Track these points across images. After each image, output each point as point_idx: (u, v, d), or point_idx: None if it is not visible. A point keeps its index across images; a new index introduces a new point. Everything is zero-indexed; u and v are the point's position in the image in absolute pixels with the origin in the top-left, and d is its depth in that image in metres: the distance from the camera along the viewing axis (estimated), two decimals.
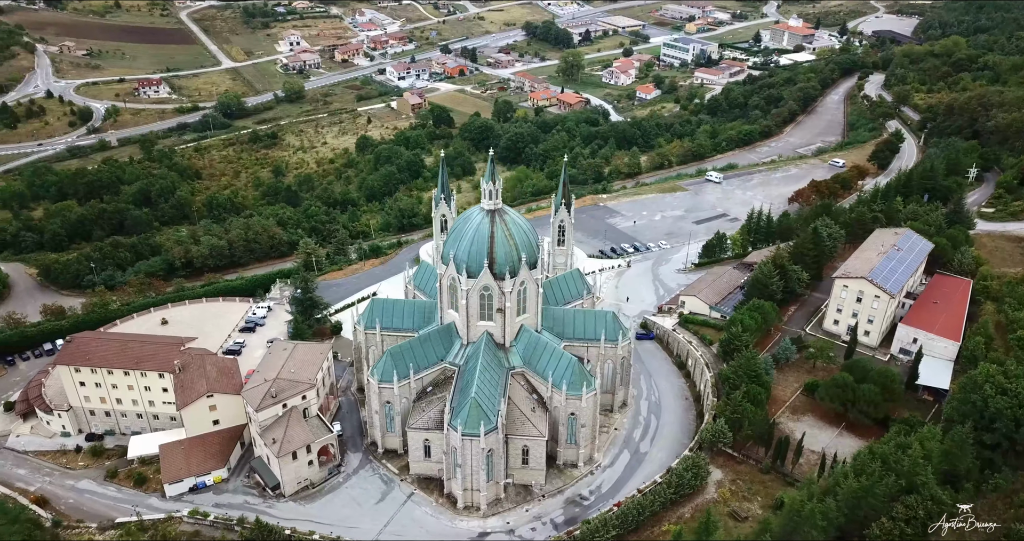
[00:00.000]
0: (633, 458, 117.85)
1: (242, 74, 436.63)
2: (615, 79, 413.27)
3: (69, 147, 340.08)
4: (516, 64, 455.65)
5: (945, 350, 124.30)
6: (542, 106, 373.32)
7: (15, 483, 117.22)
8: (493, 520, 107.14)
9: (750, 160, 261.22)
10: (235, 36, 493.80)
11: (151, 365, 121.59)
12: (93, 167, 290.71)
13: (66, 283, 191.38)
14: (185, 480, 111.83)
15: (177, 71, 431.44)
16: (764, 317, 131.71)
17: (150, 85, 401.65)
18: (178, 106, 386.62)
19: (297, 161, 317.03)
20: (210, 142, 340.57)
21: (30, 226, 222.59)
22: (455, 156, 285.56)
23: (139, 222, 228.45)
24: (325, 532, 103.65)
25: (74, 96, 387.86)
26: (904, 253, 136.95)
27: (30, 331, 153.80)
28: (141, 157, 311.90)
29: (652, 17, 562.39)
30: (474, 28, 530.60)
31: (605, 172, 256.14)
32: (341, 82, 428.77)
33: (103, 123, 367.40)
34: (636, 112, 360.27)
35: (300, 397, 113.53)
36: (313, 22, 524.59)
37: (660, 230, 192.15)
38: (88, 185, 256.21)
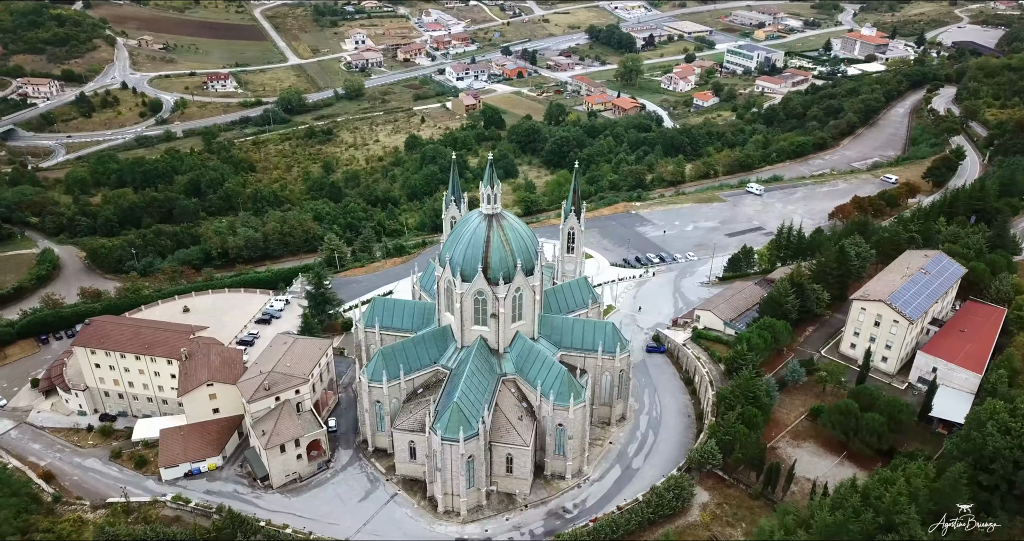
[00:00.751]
0: (624, 474, 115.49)
1: (306, 71, 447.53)
2: (674, 85, 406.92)
3: (137, 137, 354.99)
4: (575, 67, 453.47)
5: (965, 382, 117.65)
6: (596, 110, 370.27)
7: (28, 457, 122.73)
8: (472, 526, 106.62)
9: (800, 172, 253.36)
10: (304, 33, 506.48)
11: (160, 351, 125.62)
12: (154, 157, 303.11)
13: (110, 267, 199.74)
14: (181, 465, 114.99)
15: (245, 66, 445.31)
16: (775, 336, 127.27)
17: (218, 79, 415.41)
18: (242, 100, 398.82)
19: (348, 158, 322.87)
20: (268, 136, 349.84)
21: (85, 211, 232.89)
22: (499, 158, 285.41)
23: (187, 211, 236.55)
24: (304, 526, 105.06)
25: (147, 88, 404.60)
26: (931, 277, 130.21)
27: (65, 312, 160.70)
28: (201, 149, 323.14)
29: (720, 23, 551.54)
30: (537, 30, 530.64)
31: (647, 179, 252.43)
32: (401, 81, 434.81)
33: (171, 114, 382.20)
34: (691, 119, 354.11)
35: (294, 391, 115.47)
36: (380, 21, 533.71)
37: (690, 241, 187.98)
38: (145, 174, 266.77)
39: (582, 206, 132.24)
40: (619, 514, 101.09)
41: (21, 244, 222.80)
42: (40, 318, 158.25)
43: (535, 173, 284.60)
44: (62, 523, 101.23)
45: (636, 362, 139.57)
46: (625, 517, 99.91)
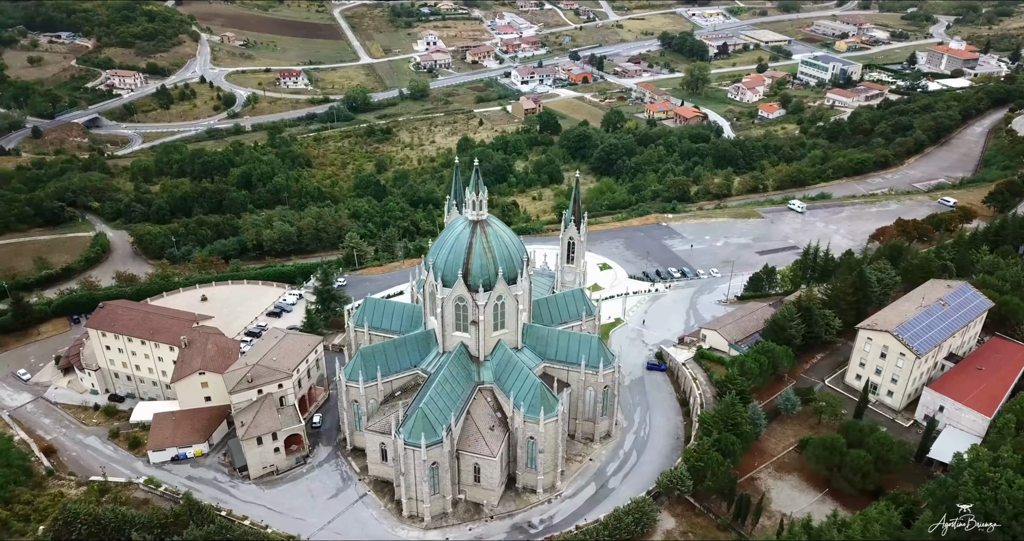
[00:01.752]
0: (599, 492, 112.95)
1: (376, 70, 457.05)
2: (740, 95, 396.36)
3: (208, 129, 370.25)
4: (643, 74, 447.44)
5: (973, 424, 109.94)
6: (657, 118, 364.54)
7: (36, 430, 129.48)
8: (433, 533, 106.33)
9: (857, 191, 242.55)
10: (378, 34, 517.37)
11: (163, 337, 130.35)
12: (218, 149, 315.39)
13: (153, 254, 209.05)
14: (168, 449, 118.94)
15: (318, 64, 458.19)
16: (773, 362, 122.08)
17: (290, 76, 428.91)
18: (311, 97, 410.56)
19: (402, 157, 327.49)
20: (330, 133, 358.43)
21: (141, 198, 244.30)
22: (546, 163, 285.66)
23: (235, 203, 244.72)
24: (271, 518, 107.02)
25: (223, 82, 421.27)
26: (950, 310, 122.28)
27: (98, 294, 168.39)
28: (265, 142, 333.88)
29: (801, 33, 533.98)
30: (610, 36, 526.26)
31: (692, 191, 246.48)
32: (466, 83, 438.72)
33: (243, 109, 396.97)
34: (752, 131, 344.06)
35: (277, 385, 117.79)
36: (454, 23, 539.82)
37: (717, 257, 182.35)
38: (203, 165, 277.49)
39: (582, 216, 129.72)
40: (576, 534, 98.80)
41: (80, 227, 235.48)
42: (74, 299, 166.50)
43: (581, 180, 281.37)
44: (42, 497, 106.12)
45: (634, 379, 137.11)
46: (580, 537, 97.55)
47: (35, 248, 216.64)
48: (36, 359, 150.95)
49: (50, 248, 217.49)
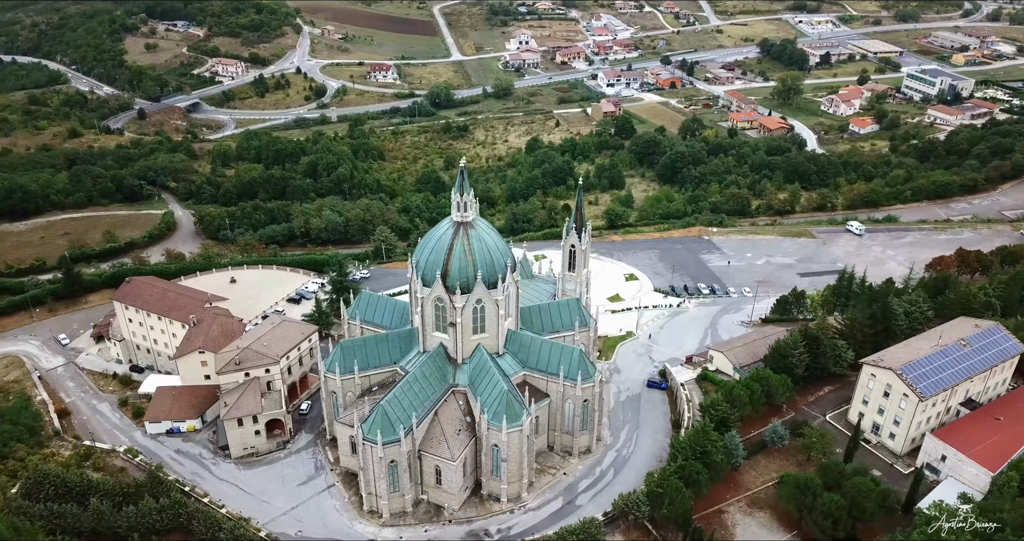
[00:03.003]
0: (564, 508, 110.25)
1: (465, 67, 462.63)
2: (834, 108, 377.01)
3: (296, 118, 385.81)
4: (735, 82, 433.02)
5: (976, 478, 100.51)
6: (740, 128, 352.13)
7: (58, 392, 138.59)
8: (388, 531, 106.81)
9: (936, 215, 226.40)
10: (473, 31, 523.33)
11: (176, 314, 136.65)
12: (300, 138, 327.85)
13: (210, 234, 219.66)
14: (164, 422, 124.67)
15: (410, 60, 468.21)
16: (767, 391, 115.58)
17: (381, 70, 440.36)
18: (397, 91, 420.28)
19: (472, 155, 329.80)
20: (408, 127, 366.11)
21: (211, 181, 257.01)
22: (609, 167, 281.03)
23: (298, 191, 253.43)
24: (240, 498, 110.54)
25: (317, 74, 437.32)
26: (970, 351, 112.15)
27: (144, 269, 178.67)
28: (345, 133, 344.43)
29: (916, 44, 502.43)
30: (707, 41, 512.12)
31: (753, 205, 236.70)
32: (551, 83, 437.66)
33: (332, 100, 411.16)
34: (839, 146, 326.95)
35: (264, 370, 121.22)
36: (549, 23, 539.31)
37: (754, 275, 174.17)
38: (276, 152, 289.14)
39: (584, 224, 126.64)
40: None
41: (155, 205, 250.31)
42: (122, 272, 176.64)
43: (644, 186, 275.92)
44: (35, 456, 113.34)
45: (632, 395, 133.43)
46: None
47: (111, 222, 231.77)
48: (78, 326, 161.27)
49: (124, 223, 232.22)
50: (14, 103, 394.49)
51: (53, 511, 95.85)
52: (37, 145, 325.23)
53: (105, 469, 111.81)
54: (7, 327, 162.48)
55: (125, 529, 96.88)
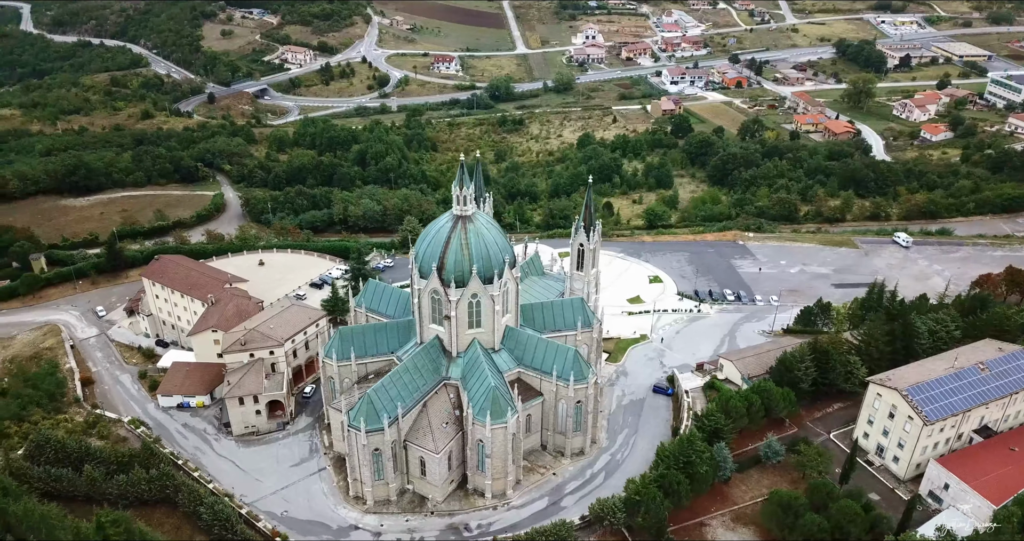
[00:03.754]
0: (549, 508, 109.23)
1: (528, 61, 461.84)
2: (907, 113, 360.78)
3: (357, 107, 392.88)
4: (805, 83, 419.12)
5: (977, 510, 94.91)
6: (804, 131, 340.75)
7: (86, 361, 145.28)
8: (370, 518, 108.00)
9: (1000, 230, 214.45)
10: (540, 25, 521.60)
11: (197, 293, 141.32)
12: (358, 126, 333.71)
13: (254, 216, 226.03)
14: (175, 396, 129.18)
15: (475, 52, 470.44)
16: (768, 404, 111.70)
17: (444, 61, 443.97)
18: (458, 83, 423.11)
19: (524, 149, 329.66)
20: (465, 119, 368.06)
21: (263, 165, 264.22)
22: (657, 166, 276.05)
23: (344, 178, 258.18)
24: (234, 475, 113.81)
25: (382, 64, 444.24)
26: (988, 376, 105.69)
27: (184, 248, 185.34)
28: (402, 123, 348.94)
29: (1008, 48, 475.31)
30: (780, 40, 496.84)
31: (801, 211, 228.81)
32: (614, 79, 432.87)
33: (393, 90, 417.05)
34: (906, 153, 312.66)
35: (268, 351, 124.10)
36: (618, 18, 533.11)
37: (785, 284, 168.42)
38: (329, 140, 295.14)
39: (593, 223, 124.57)
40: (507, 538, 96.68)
41: (209, 186, 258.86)
42: (164, 249, 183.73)
43: (693, 187, 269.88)
44: (49, 420, 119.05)
45: (635, 400, 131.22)
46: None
47: (166, 201, 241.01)
48: (116, 299, 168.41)
49: (178, 202, 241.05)
50: (98, 84, 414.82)
51: (51, 474, 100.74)
52: (112, 125, 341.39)
53: (109, 438, 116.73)
54: (52, 297, 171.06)
55: (115, 496, 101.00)
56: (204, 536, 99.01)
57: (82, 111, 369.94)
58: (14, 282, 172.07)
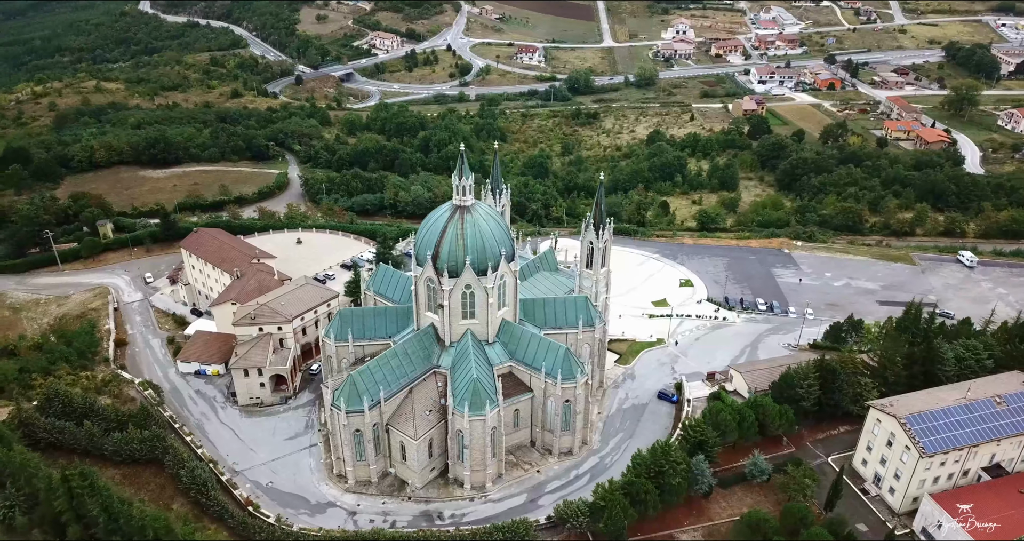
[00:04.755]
0: (526, 505, 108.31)
1: (613, 54, 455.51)
2: (1013, 123, 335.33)
3: (436, 94, 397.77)
4: (905, 88, 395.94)
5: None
6: (894, 138, 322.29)
7: (124, 324, 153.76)
8: (349, 497, 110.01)
9: None
10: (632, 18, 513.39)
11: (226, 266, 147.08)
12: (431, 113, 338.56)
13: (312, 196, 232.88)
14: (193, 363, 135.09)
15: (560, 43, 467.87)
16: (763, 420, 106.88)
17: (528, 52, 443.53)
18: (539, 74, 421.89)
19: (593, 143, 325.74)
20: (540, 111, 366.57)
21: (329, 147, 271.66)
22: (723, 168, 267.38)
23: (405, 164, 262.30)
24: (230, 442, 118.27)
25: (466, 52, 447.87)
26: (1007, 411, 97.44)
27: (235, 223, 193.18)
28: (476, 112, 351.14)
29: None
30: (886, 41, 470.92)
31: (867, 222, 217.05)
32: (698, 76, 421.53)
33: (474, 79, 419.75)
34: (1005, 166, 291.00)
35: (276, 327, 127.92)
36: (713, 13, 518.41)
37: (824, 297, 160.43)
38: (398, 125, 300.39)
39: (604, 221, 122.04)
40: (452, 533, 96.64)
41: (277, 165, 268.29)
42: (216, 223, 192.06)
43: (759, 191, 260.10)
44: (70, 376, 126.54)
45: (638, 405, 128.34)
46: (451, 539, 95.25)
47: (236, 177, 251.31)
48: (165, 268, 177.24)
49: (247, 179, 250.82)
50: (199, 63, 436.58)
51: (55, 426, 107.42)
52: (202, 102, 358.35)
53: (119, 397, 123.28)
54: (110, 261, 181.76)
55: (110, 453, 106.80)
56: (184, 498, 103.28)
57: (180, 88, 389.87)
58: (78, 246, 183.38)
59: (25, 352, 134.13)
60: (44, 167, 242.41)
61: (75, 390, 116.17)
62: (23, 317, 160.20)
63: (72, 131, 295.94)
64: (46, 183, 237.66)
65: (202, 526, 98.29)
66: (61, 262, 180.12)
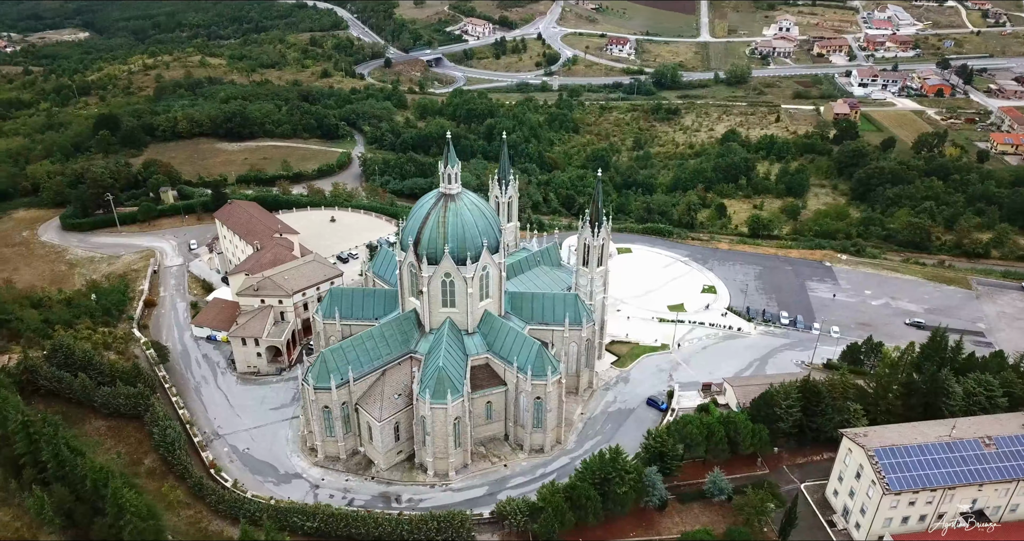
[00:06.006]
0: (484, 498, 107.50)
1: (708, 49, 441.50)
2: None
3: (519, 83, 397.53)
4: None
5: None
6: (999, 152, 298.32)
7: (158, 286, 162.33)
8: (316, 470, 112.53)
9: None
10: (734, 13, 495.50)
11: (250, 238, 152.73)
12: (508, 101, 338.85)
13: (368, 176, 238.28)
14: (205, 328, 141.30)
15: (654, 36, 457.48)
16: (732, 436, 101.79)
17: (619, 43, 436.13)
18: (626, 67, 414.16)
19: (667, 140, 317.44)
20: (619, 104, 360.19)
21: (393, 129, 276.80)
22: (793, 173, 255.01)
23: (466, 150, 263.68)
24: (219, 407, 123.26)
25: (557, 42, 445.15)
26: (995, 454, 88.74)
27: (282, 198, 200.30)
28: (554, 102, 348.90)
29: None
30: (1012, 46, 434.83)
31: (936, 240, 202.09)
32: (794, 76, 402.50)
33: (560, 68, 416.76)
34: None
35: (277, 300, 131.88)
36: (822, 11, 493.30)
37: (857, 316, 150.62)
38: (468, 112, 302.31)
39: (601, 219, 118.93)
40: (393, 517, 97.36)
41: (346, 144, 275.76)
42: (264, 196, 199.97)
43: (829, 199, 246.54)
44: (92, 329, 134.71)
45: (624, 409, 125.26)
46: (391, 524, 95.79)
47: (303, 154, 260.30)
48: (210, 236, 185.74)
49: (313, 156, 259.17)
50: (299, 42, 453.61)
51: (54, 375, 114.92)
52: (292, 80, 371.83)
53: (123, 354, 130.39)
54: (163, 226, 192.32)
55: (99, 405, 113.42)
56: (155, 455, 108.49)
57: (277, 66, 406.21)
58: (136, 209, 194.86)
59: (54, 305, 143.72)
60: (130, 134, 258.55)
61: (81, 344, 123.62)
62: (76, 272, 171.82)
63: (167, 102, 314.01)
64: (131, 149, 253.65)
65: (168, 484, 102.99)
66: (120, 224, 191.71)
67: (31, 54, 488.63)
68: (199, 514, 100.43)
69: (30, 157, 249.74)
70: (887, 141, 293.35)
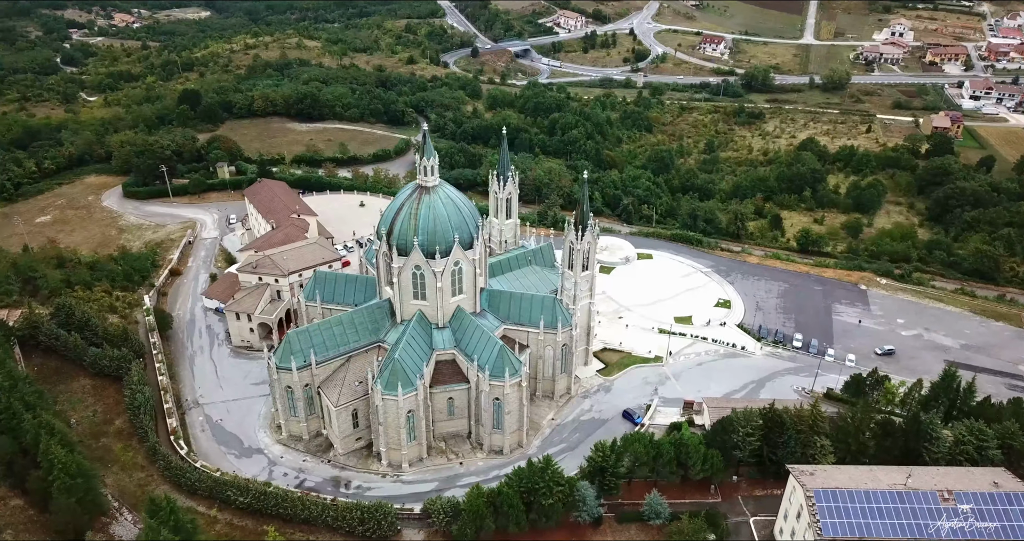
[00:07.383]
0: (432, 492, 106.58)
1: (808, 52, 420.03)
2: None
3: (603, 78, 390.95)
4: None
5: None
6: None
7: (188, 256, 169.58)
8: (277, 447, 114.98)
9: None
10: (844, 14, 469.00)
11: (269, 216, 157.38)
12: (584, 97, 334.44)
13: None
14: (214, 300, 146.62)
15: (753, 36, 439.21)
16: (681, 458, 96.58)
17: (713, 42, 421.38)
18: (717, 67, 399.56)
19: (743, 145, 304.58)
20: (701, 105, 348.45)
21: (455, 119, 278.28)
22: (865, 188, 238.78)
23: (524, 144, 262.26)
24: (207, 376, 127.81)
25: (649, 38, 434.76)
26: (951, 510, 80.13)
27: (323, 180, 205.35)
28: (632, 100, 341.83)
29: None
30: None
31: (1012, 271, 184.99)
32: (899, 84, 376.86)
33: (647, 65, 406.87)
34: None
35: (274, 279, 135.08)
36: (944, 16, 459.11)
37: (880, 343, 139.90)
38: (536, 106, 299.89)
39: (587, 223, 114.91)
40: (327, 502, 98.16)
41: (410, 130, 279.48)
42: (306, 178, 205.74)
43: (901, 218, 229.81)
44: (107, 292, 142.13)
45: (598, 419, 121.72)
46: (324, 511, 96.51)
47: (365, 138, 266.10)
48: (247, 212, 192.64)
49: (375, 140, 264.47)
50: (395, 29, 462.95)
51: (52, 332, 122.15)
52: (378, 66, 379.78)
53: (126, 318, 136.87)
54: (211, 199, 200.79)
55: (87, 364, 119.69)
56: (125, 416, 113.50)
57: (368, 51, 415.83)
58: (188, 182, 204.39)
59: (78, 266, 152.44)
60: (209, 110, 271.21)
61: (84, 305, 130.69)
62: (124, 238, 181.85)
63: (254, 80, 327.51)
64: (208, 124, 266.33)
65: (126, 445, 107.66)
66: (173, 195, 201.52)
67: (153, 30, 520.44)
68: (150, 477, 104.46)
69: (119, 127, 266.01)
70: (985, 159, 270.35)
